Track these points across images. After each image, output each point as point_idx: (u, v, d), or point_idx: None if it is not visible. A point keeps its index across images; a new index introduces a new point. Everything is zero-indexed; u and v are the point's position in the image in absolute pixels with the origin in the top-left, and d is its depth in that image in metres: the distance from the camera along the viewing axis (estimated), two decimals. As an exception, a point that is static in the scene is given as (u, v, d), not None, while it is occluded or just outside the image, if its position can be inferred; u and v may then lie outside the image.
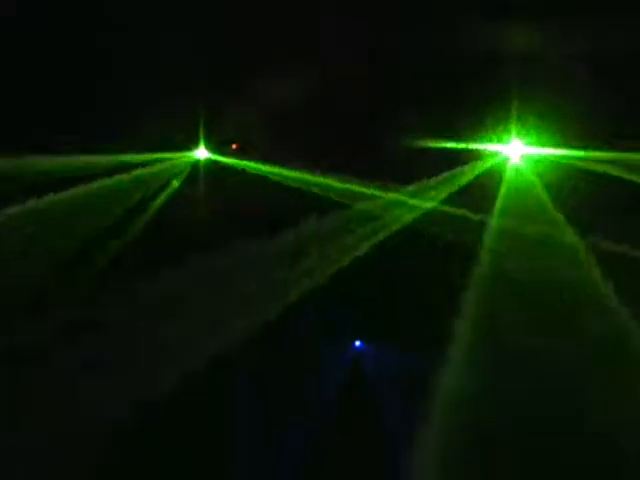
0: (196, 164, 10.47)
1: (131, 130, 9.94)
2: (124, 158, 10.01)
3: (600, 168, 9.87)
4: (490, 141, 10.08)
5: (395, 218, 10.45)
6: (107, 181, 10.07)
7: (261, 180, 10.34)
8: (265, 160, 10.36)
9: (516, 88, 9.67)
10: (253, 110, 10.15)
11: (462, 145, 10.05)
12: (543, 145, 9.99)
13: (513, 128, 9.91)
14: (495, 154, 10.21)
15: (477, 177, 10.23)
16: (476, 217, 10.28)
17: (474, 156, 10.17)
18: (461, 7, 9.66)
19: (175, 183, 10.45)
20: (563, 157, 10.00)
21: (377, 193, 10.44)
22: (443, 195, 10.33)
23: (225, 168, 10.44)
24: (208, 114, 10.17)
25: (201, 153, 10.45)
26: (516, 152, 10.19)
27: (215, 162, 10.46)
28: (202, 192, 10.54)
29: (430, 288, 10.24)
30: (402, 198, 10.42)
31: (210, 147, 10.42)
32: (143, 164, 10.19)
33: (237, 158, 10.45)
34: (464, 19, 9.69)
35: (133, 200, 10.32)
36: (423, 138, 10.03)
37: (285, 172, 10.35)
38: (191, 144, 10.36)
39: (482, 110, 9.82)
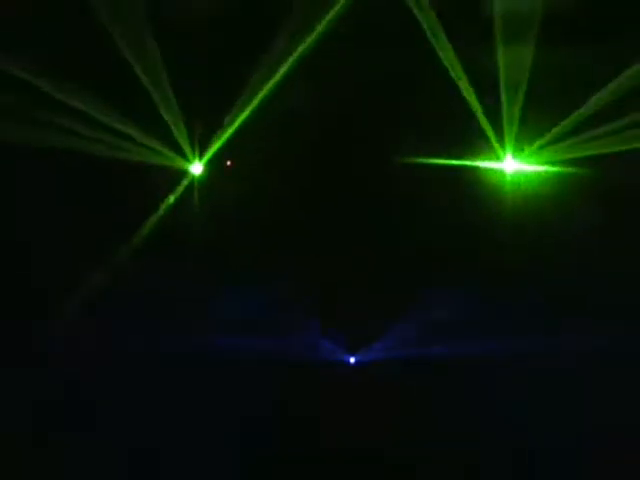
0: (191, 179, 10.55)
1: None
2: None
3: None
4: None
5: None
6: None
7: (256, 197, 10.47)
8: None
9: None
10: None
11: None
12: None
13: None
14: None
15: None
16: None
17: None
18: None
19: (170, 198, 10.53)
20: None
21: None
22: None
23: (219, 184, 10.55)
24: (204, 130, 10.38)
25: (196, 169, 10.55)
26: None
27: (210, 178, 10.55)
28: (196, 207, 10.60)
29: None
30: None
31: (205, 163, 10.53)
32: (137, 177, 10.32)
33: (231, 175, 10.58)
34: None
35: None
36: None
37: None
38: (186, 159, 10.48)
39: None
